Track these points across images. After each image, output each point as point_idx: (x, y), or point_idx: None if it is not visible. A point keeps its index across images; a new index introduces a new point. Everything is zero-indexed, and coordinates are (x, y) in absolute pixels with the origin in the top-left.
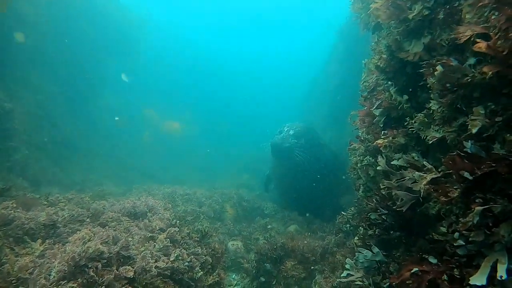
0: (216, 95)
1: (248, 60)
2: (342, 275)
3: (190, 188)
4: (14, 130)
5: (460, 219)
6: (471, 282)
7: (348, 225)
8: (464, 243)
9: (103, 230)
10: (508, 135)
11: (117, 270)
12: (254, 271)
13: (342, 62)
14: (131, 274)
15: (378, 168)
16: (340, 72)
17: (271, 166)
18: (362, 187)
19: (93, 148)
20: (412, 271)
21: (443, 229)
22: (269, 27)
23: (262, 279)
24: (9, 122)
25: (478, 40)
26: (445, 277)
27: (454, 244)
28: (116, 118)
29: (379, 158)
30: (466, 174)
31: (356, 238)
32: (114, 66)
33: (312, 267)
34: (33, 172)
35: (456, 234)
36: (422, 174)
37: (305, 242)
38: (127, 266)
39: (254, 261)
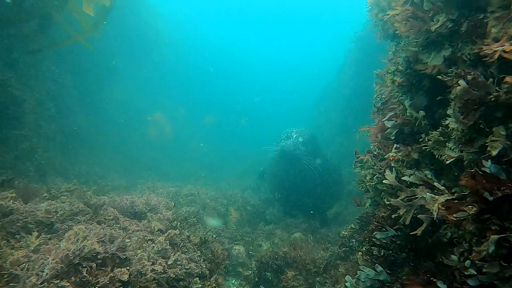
0: (228, 94)
1: (263, 61)
2: None
3: (195, 187)
4: (24, 118)
5: (473, 248)
6: None
7: (353, 240)
8: (475, 273)
9: (100, 228)
10: None
11: (111, 271)
12: (255, 279)
13: (357, 69)
14: (125, 277)
15: (384, 181)
16: (355, 79)
17: (268, 166)
18: (370, 200)
19: (102, 141)
20: None
21: (454, 257)
22: (286, 28)
23: (262, 287)
24: (19, 111)
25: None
26: None
27: (465, 273)
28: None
29: (387, 172)
30: (486, 194)
31: (360, 253)
32: (128, 60)
33: (313, 279)
34: (40, 162)
35: (467, 262)
36: (433, 195)
37: (308, 251)
38: (122, 268)
39: (255, 268)
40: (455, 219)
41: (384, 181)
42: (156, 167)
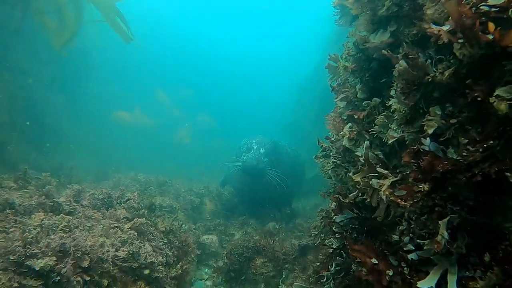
0: (210, 92)
1: (240, 57)
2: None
3: (170, 179)
4: None
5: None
6: (418, 285)
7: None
8: (413, 248)
9: (62, 218)
10: (462, 138)
11: (71, 259)
12: (225, 267)
13: None
14: (86, 263)
15: (362, 160)
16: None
17: (231, 177)
18: (332, 186)
19: (78, 135)
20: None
21: (396, 237)
22: (262, 26)
23: (232, 274)
24: None
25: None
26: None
27: (404, 248)
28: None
29: (359, 149)
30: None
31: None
32: (105, 54)
33: (282, 266)
34: (12, 155)
35: (407, 239)
36: (379, 181)
37: (278, 239)
38: (83, 255)
39: (225, 257)
40: (409, 204)
41: (361, 159)
42: (134, 162)
